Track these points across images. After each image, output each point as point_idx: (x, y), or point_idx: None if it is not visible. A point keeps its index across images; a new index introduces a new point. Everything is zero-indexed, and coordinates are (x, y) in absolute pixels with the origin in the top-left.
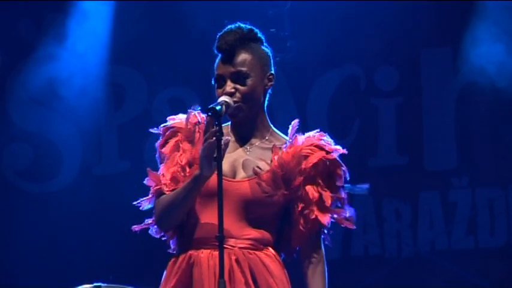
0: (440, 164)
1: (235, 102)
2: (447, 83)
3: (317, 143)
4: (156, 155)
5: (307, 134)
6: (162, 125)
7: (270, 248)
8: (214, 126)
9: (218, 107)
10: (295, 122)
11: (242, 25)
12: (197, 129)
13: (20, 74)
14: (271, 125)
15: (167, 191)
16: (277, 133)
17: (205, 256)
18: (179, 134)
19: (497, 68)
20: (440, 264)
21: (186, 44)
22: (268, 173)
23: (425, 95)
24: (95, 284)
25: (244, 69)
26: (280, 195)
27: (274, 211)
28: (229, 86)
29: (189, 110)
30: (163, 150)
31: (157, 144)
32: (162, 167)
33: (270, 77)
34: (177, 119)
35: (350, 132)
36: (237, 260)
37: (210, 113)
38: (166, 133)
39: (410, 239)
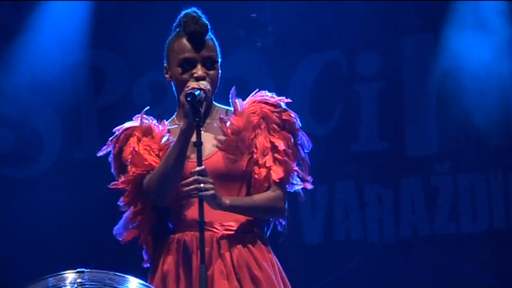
0: (421, 150)
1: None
2: (428, 68)
3: (259, 99)
4: (112, 169)
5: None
6: (110, 139)
7: (256, 229)
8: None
9: (197, 92)
10: (232, 89)
11: (198, 10)
12: (153, 126)
13: (0, 59)
14: (213, 101)
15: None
16: (218, 106)
17: (189, 239)
18: (135, 132)
19: (478, 54)
20: (422, 250)
21: (166, 28)
22: (226, 141)
23: (407, 80)
24: (78, 270)
25: (214, 54)
26: (245, 159)
27: (248, 182)
28: (202, 70)
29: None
30: (123, 155)
31: (111, 157)
32: (130, 167)
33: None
34: (125, 126)
35: (332, 118)
36: (218, 242)
37: (189, 99)
38: (118, 142)
39: (392, 224)
